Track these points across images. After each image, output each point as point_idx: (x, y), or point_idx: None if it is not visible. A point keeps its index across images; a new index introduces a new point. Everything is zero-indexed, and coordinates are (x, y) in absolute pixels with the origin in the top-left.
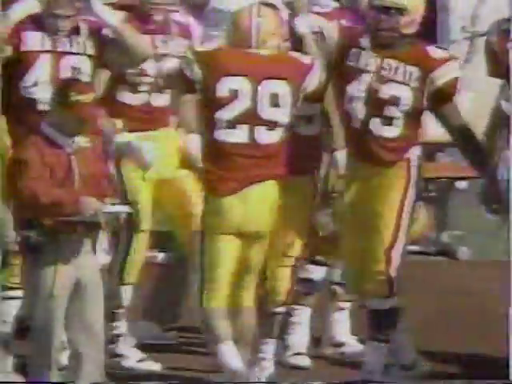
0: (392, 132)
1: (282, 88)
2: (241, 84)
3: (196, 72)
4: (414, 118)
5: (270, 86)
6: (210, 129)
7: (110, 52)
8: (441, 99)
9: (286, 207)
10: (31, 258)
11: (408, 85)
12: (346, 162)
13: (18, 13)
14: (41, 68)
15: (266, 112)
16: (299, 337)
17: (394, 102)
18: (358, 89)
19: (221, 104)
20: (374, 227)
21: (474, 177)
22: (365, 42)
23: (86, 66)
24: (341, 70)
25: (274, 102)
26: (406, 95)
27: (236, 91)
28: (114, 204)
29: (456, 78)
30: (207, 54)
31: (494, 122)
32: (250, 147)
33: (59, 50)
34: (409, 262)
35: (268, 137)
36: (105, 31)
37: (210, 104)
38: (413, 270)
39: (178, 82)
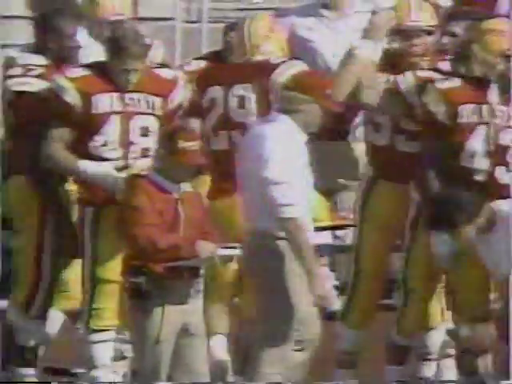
0: None
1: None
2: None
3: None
4: None
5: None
6: None
7: None
8: None
9: None
10: (139, 304)
11: None
12: None
13: None
14: (110, 129)
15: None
16: None
17: None
18: (477, 142)
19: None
20: None
21: None
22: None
23: (154, 125)
24: (452, 128)
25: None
26: None
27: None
28: (226, 247)
29: None
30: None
31: None
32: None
33: (129, 110)
34: None
35: None
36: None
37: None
38: None
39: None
